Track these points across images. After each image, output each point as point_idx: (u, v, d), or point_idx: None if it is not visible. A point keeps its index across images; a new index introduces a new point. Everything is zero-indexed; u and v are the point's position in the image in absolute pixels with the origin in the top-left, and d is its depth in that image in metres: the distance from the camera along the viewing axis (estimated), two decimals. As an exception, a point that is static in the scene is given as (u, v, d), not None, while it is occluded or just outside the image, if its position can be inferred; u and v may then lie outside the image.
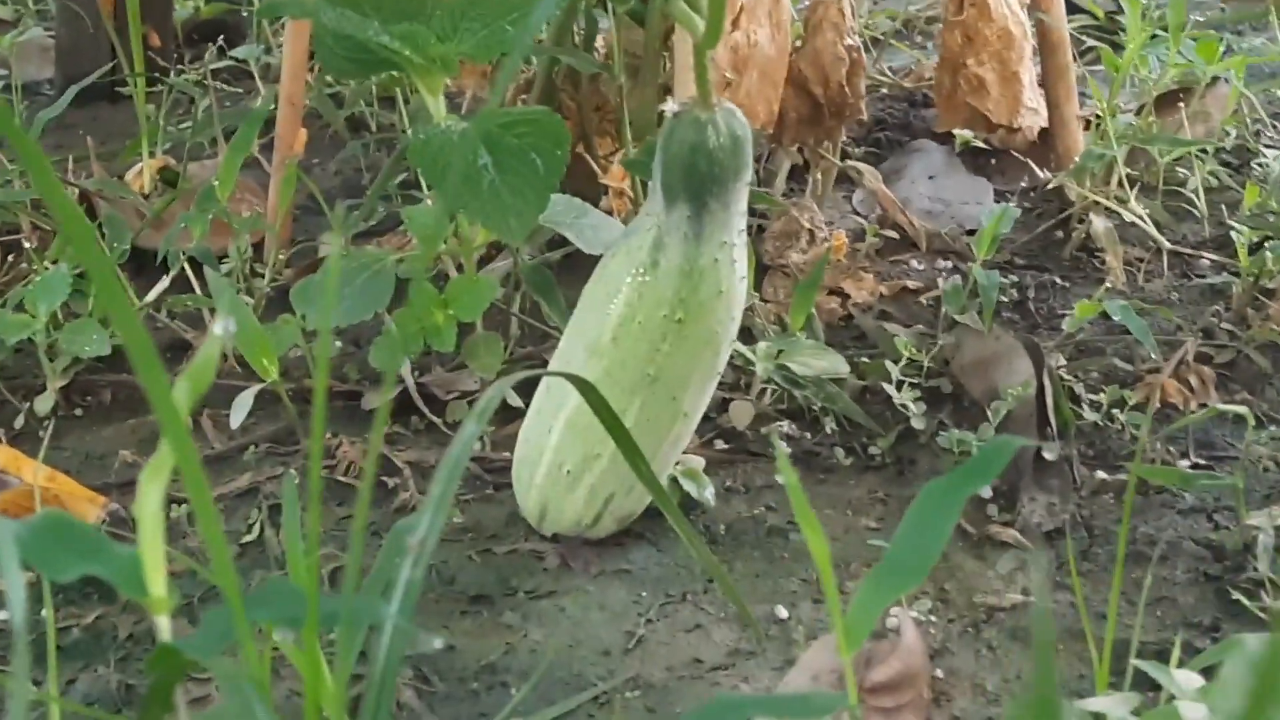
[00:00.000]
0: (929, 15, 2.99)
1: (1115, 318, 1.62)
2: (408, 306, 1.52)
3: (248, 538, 1.43)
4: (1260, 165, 2.08)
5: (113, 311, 0.61)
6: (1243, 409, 1.38)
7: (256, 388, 1.54)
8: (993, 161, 2.21)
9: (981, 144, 2.20)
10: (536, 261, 1.65)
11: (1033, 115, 1.96)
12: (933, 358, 1.62)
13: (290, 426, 1.59)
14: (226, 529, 1.45)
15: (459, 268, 1.62)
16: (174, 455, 0.66)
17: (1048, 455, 1.45)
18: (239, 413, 1.52)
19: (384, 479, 1.51)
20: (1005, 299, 1.81)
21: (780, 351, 1.58)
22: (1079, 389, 1.61)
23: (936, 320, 1.79)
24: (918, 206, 2.09)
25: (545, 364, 1.65)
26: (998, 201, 2.11)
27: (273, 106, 1.91)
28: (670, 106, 1.32)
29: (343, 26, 1.41)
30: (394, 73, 1.85)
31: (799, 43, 1.94)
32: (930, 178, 2.19)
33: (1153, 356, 1.64)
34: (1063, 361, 1.66)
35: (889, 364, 1.59)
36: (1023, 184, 2.16)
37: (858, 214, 2.12)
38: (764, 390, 1.62)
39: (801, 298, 1.63)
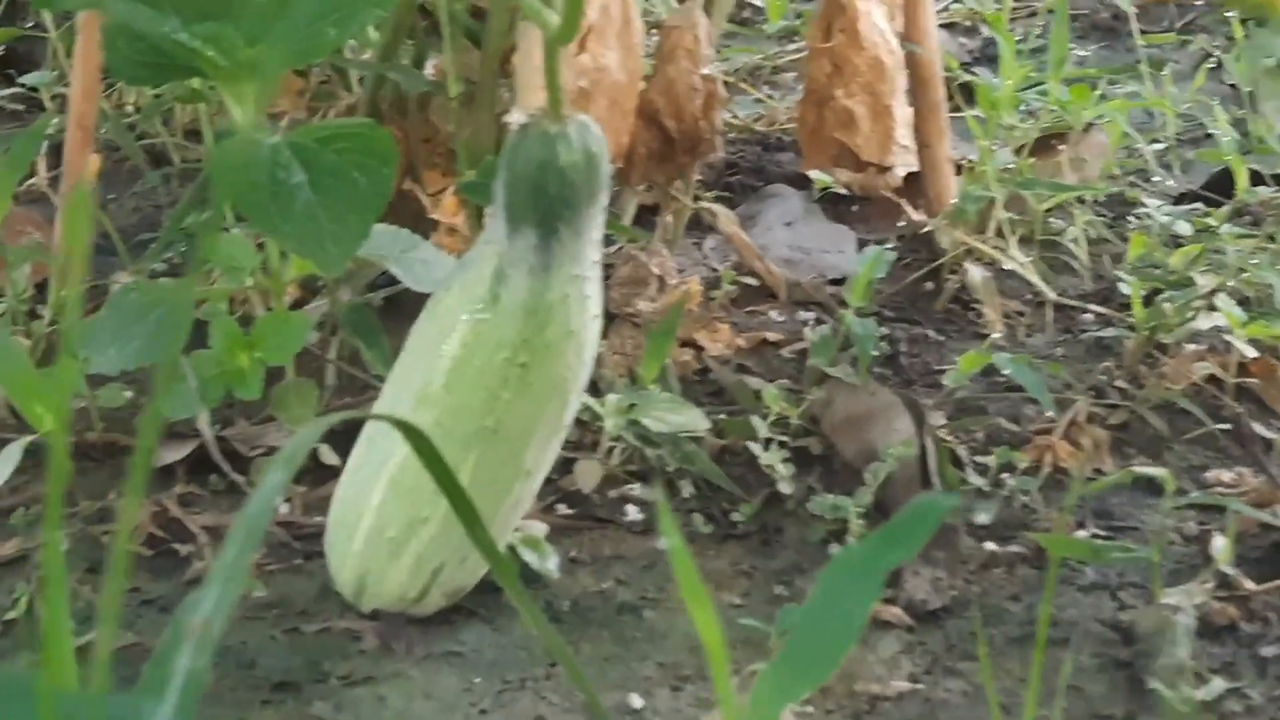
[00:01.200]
0: (774, 65, 2.87)
1: (1006, 372, 1.50)
2: (208, 349, 1.35)
3: (13, 614, 1.25)
4: (1137, 216, 1.98)
5: None
6: (1159, 471, 1.26)
7: (27, 439, 1.36)
8: (854, 208, 2.09)
9: (841, 190, 2.08)
10: (357, 301, 1.49)
11: (905, 154, 1.84)
12: (800, 415, 1.48)
13: (67, 486, 1.41)
14: (-11, 603, 1.27)
15: (269, 307, 1.46)
16: None
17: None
18: (5, 467, 1.34)
19: (176, 546, 1.34)
20: (875, 353, 1.67)
21: (632, 405, 1.43)
22: (961, 451, 1.48)
23: (800, 375, 1.65)
24: (775, 254, 1.96)
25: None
26: (861, 250, 1.99)
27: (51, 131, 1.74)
28: (515, 117, 1.17)
29: (134, 22, 1.25)
30: (195, 85, 1.69)
31: (650, 71, 1.80)
32: (788, 224, 2.06)
33: (1042, 416, 1.52)
34: (942, 421, 1.53)
35: (756, 420, 1.44)
36: (887, 233, 2.04)
37: (709, 261, 1.98)
38: (612, 448, 1.47)
39: (655, 347, 1.49)
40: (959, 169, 1.93)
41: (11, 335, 1.50)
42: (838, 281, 1.90)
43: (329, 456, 1.43)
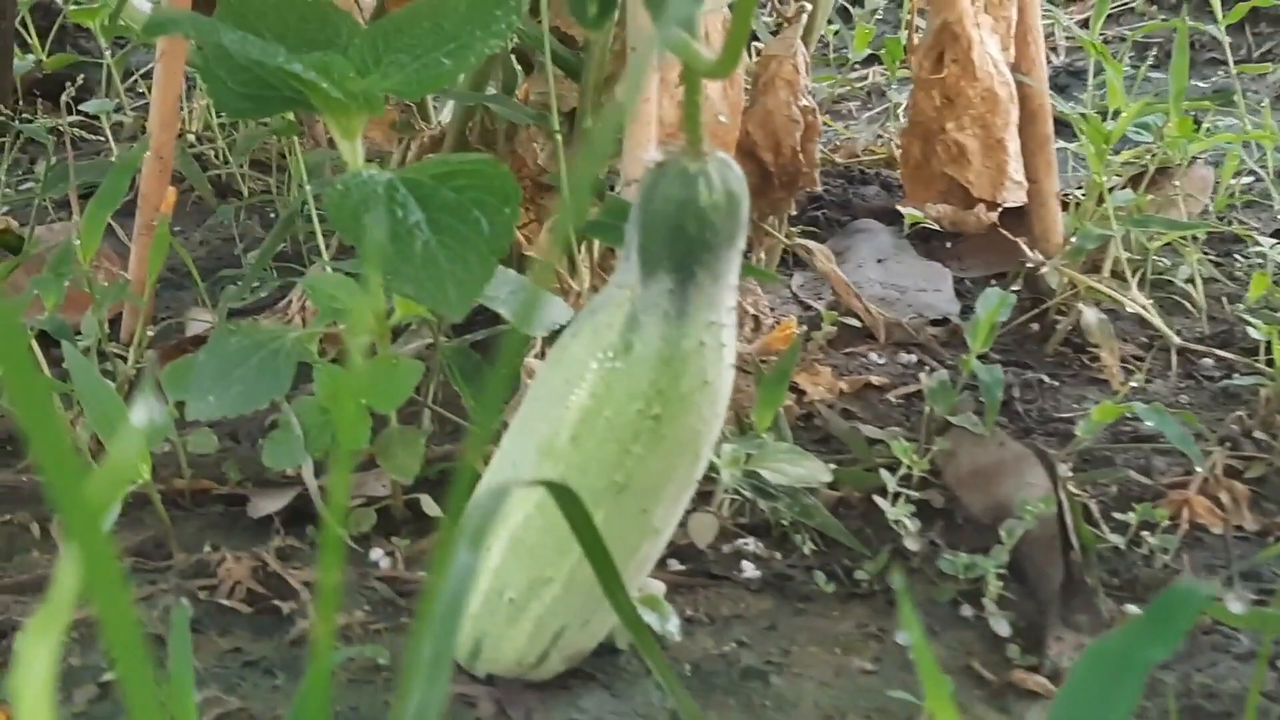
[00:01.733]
0: (840, 93, 2.82)
1: (1147, 423, 1.43)
2: (311, 394, 1.30)
3: (110, 675, 1.19)
4: (1244, 255, 1.91)
5: None
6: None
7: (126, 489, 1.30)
8: (947, 245, 2.03)
9: (933, 225, 2.02)
10: (459, 342, 1.43)
11: (1017, 190, 1.77)
12: (924, 466, 1.42)
13: (160, 537, 1.35)
14: (82, 663, 1.21)
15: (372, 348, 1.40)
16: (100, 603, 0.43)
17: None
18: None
19: (277, 602, 1.28)
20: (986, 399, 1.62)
21: (749, 455, 1.37)
22: (1093, 506, 1.42)
23: (909, 421, 1.59)
24: (869, 293, 1.90)
25: (470, 466, 1.43)
26: (958, 289, 1.92)
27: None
28: (652, 155, 1.11)
29: (246, 53, 1.19)
30: (289, 117, 1.64)
31: (747, 102, 1.74)
32: (879, 261, 2.00)
33: (1173, 469, 1.45)
34: (1068, 473, 1.46)
35: (884, 473, 1.38)
36: (983, 270, 1.97)
37: (800, 299, 1.92)
38: (726, 500, 1.41)
39: (769, 394, 1.43)
40: (1064, 204, 1.87)
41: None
42: (939, 322, 1.84)
43: (430, 506, 1.37)
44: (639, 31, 1.44)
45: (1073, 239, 1.76)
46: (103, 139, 2.34)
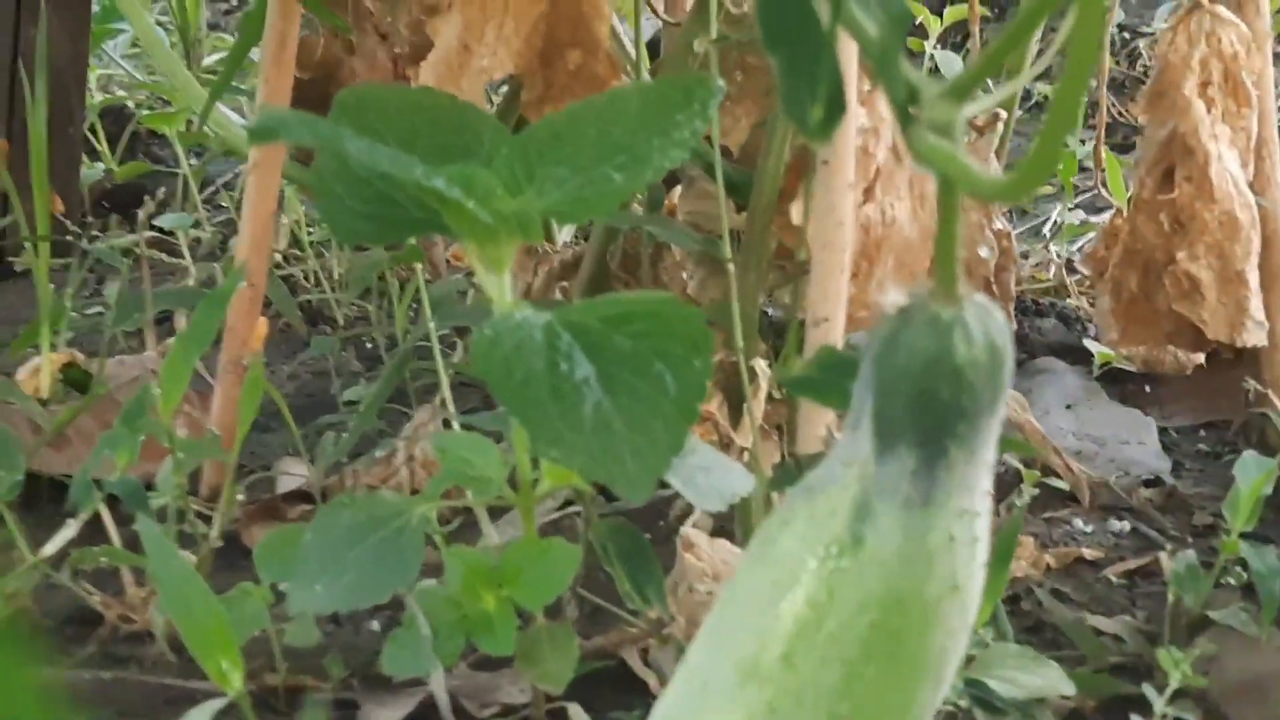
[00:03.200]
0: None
1: None
2: (441, 584, 1.07)
3: None
4: None
5: None
6: None
7: (214, 705, 1.07)
8: (1146, 388, 1.80)
9: (1124, 365, 1.79)
10: (611, 512, 1.21)
11: (1258, 330, 1.53)
12: (1189, 676, 1.18)
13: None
14: None
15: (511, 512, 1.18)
16: None
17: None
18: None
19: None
20: (1232, 580, 1.38)
21: (971, 659, 1.14)
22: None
23: (1137, 607, 1.36)
24: (1062, 445, 1.66)
25: (622, 663, 1.21)
26: (1163, 440, 1.69)
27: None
28: (892, 297, 0.89)
29: (374, 164, 0.97)
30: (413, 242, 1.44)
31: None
32: (1068, 407, 1.77)
33: None
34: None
35: (1149, 690, 1.14)
36: (1191, 419, 1.74)
37: (981, 452, 1.69)
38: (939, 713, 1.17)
39: (989, 582, 1.19)
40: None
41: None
42: (1151, 482, 1.61)
43: (579, 715, 1.15)
44: (833, 141, 1.23)
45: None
46: (179, 258, 2.14)
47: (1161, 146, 1.53)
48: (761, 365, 1.40)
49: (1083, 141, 2.50)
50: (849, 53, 1.12)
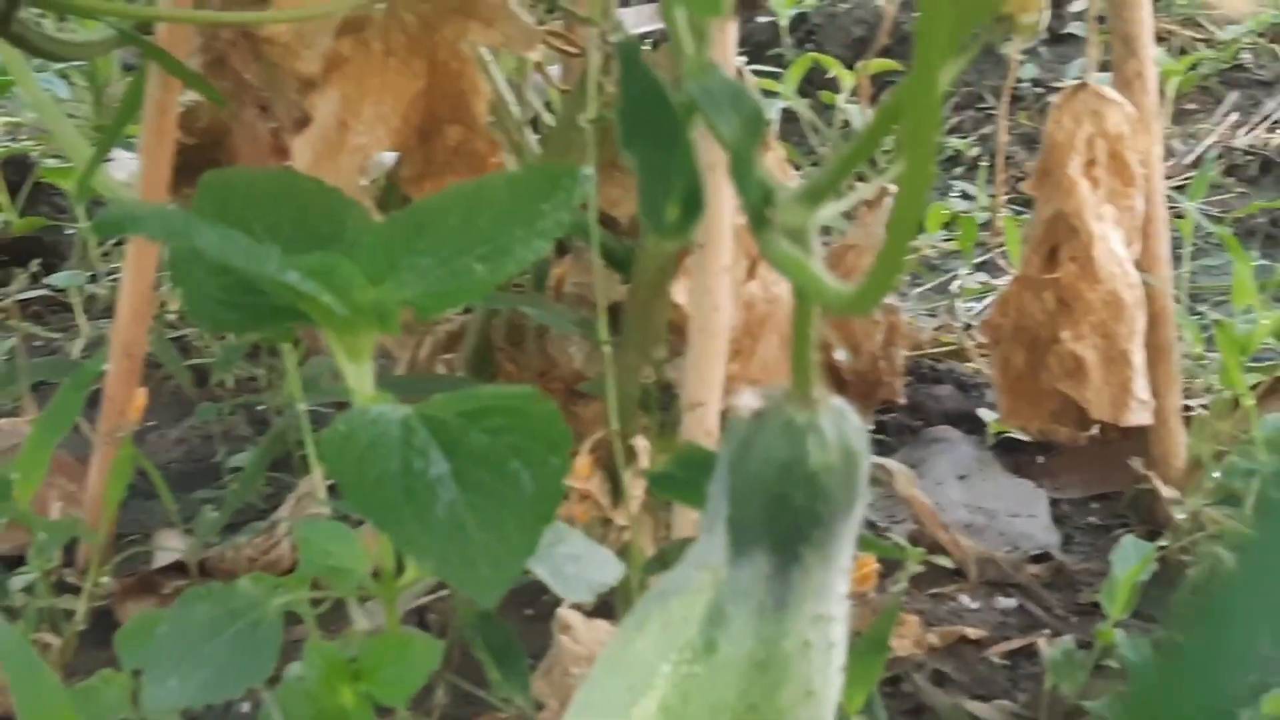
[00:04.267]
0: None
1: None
2: (298, 678, 1.06)
3: None
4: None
5: None
6: None
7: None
8: (1037, 459, 1.80)
9: (1018, 435, 1.79)
10: (482, 610, 1.19)
11: (1143, 410, 1.53)
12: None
13: None
14: None
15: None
16: None
17: None
18: None
19: None
20: (1113, 663, 1.38)
21: (843, 753, 1.14)
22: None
23: (1017, 688, 1.36)
24: (952, 517, 1.66)
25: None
26: (1054, 512, 1.69)
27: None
28: (746, 400, 0.88)
29: (227, 258, 0.96)
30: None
31: (819, 300, 1.52)
32: (961, 478, 1.77)
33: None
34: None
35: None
36: (1081, 491, 1.74)
37: (872, 525, 1.69)
38: (810, 805, 1.16)
39: (863, 669, 1.19)
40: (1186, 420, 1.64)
41: (36, 633, 1.21)
42: (1039, 557, 1.61)
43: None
44: (708, 224, 1.22)
45: (1201, 463, 1.53)
46: (70, 318, 2.11)
47: (1047, 225, 1.54)
48: (643, 442, 1.39)
49: (993, 196, 2.51)
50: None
